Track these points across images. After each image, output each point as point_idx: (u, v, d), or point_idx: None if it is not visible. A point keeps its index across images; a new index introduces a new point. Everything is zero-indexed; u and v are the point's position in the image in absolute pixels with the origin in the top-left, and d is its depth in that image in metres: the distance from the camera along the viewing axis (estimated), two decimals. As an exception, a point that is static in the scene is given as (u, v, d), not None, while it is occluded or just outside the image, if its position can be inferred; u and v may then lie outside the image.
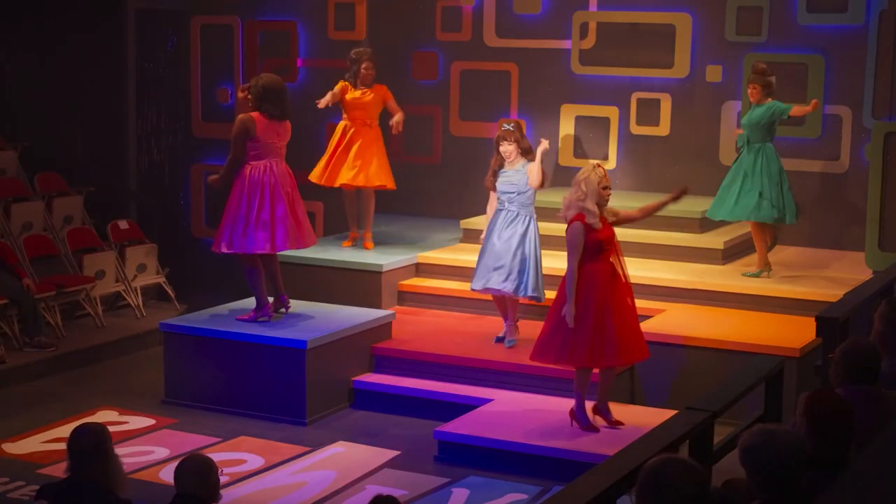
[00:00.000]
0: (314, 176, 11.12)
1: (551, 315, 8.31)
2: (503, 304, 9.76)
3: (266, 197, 9.39)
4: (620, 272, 8.26)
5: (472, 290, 9.73)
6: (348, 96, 10.97)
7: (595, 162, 8.56)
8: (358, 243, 11.38)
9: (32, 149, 12.56)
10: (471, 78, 12.99)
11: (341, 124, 11.12)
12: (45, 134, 13.01)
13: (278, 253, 9.70)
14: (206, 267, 12.35)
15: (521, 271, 9.43)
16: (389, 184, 11.20)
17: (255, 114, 9.42)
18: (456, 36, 13.00)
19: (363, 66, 11.00)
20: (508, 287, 9.43)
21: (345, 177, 11.01)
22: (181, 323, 9.83)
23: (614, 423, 8.39)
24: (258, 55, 12.29)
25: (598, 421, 8.40)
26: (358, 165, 10.99)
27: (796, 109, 10.24)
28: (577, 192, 8.13)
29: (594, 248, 8.11)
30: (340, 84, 10.98)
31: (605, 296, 8.11)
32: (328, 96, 10.83)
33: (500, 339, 9.79)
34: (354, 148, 11.01)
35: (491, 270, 9.48)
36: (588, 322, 8.06)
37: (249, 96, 9.49)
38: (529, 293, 9.44)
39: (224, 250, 9.48)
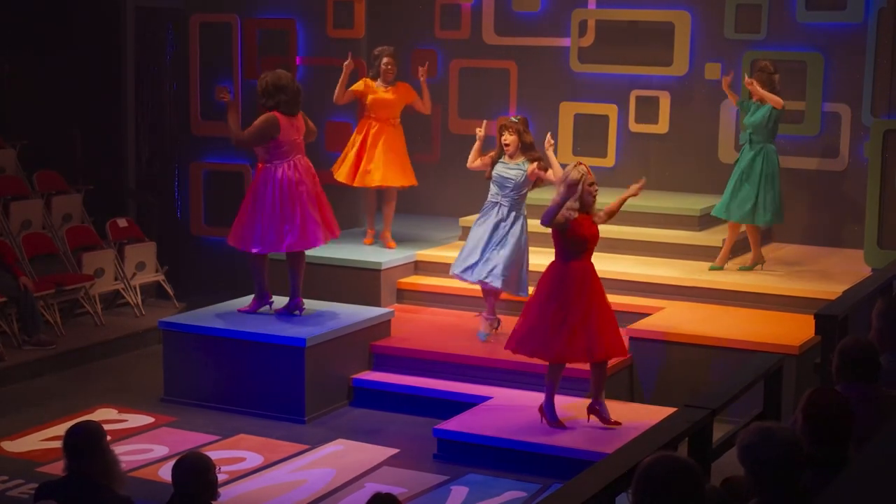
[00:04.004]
0: (342, 175, 11.04)
1: (528, 309, 8.33)
2: (487, 295, 9.80)
3: (294, 197, 9.36)
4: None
5: (452, 273, 9.77)
6: (371, 96, 10.96)
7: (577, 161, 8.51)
8: (374, 240, 11.37)
9: (31, 147, 12.55)
10: (470, 76, 12.99)
11: (364, 123, 11.07)
12: (44, 132, 12.99)
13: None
14: (205, 265, 12.33)
15: (507, 267, 9.43)
16: (413, 181, 11.27)
17: (276, 113, 9.32)
18: (455, 34, 13.00)
19: (384, 61, 10.99)
20: (495, 282, 9.45)
21: (375, 178, 10.99)
22: (180, 321, 9.82)
23: (611, 423, 8.32)
24: (257, 53, 12.27)
25: (593, 420, 8.35)
26: (384, 165, 10.99)
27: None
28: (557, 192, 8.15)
29: (579, 243, 8.10)
30: (362, 81, 10.96)
31: (581, 294, 8.09)
32: (346, 92, 10.87)
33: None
34: (379, 147, 11.00)
35: (480, 262, 9.48)
36: (561, 318, 8.06)
37: (262, 99, 9.41)
38: (513, 290, 9.51)
39: (254, 251, 9.44)
